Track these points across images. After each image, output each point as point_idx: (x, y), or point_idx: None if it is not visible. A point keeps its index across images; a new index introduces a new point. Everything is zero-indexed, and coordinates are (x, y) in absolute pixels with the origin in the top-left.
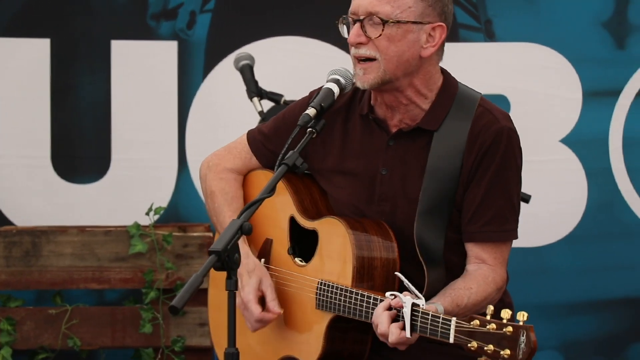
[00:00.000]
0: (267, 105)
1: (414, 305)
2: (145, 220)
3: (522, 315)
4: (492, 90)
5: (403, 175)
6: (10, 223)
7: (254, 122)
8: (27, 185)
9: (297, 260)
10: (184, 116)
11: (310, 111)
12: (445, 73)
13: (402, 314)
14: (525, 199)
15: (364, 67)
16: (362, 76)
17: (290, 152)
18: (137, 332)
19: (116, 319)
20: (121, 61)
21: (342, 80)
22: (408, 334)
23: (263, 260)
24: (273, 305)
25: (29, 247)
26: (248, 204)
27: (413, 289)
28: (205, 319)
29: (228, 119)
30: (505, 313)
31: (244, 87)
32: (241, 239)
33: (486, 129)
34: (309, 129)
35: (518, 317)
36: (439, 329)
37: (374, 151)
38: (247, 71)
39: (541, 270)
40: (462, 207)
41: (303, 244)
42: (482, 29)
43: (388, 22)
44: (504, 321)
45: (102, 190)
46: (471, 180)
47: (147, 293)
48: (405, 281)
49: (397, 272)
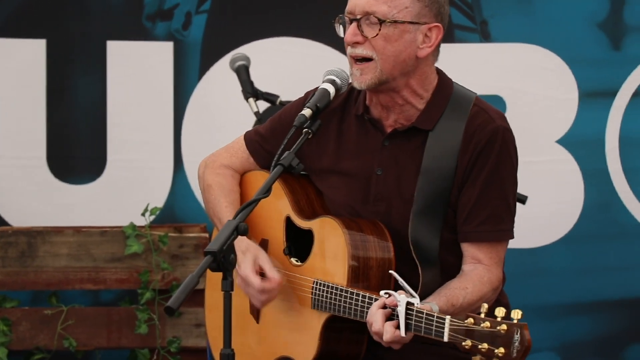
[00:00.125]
0: (262, 106)
1: (409, 304)
2: (141, 221)
3: (516, 314)
4: (488, 91)
5: (398, 175)
6: (6, 223)
7: (249, 123)
8: (22, 186)
9: (292, 260)
10: (179, 117)
11: (306, 112)
12: (441, 73)
13: (396, 312)
14: (522, 199)
15: (361, 67)
16: (359, 76)
17: (287, 152)
18: (132, 332)
19: (112, 320)
20: (117, 62)
21: (337, 80)
22: (402, 332)
23: None
24: (273, 274)
25: (24, 248)
26: (244, 204)
27: (408, 287)
28: (201, 320)
29: (224, 119)
30: (500, 311)
31: (239, 88)
32: None
33: (481, 129)
34: (304, 130)
35: (512, 316)
36: (433, 328)
37: (369, 151)
38: (242, 72)
39: (538, 271)
40: (457, 207)
41: (299, 244)
42: (478, 29)
43: (385, 21)
44: (498, 319)
45: (98, 190)
46: (466, 180)
47: (142, 294)
48: (400, 280)
49: (391, 271)
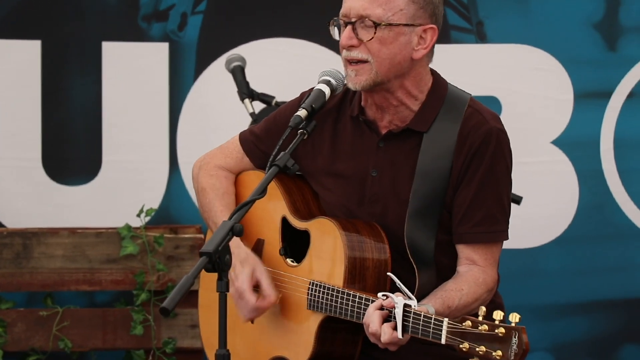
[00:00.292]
0: (258, 106)
1: (406, 306)
2: (136, 222)
3: (514, 317)
4: (484, 92)
5: (393, 176)
6: (1, 224)
7: (245, 124)
8: (17, 187)
9: (288, 260)
10: (175, 118)
11: (301, 112)
12: (435, 74)
13: (393, 314)
14: (517, 200)
15: (356, 68)
16: (354, 77)
17: (282, 153)
18: (128, 333)
19: (107, 321)
20: (112, 63)
21: (333, 81)
22: (400, 334)
23: None
24: (269, 291)
25: (19, 249)
26: (239, 205)
27: (405, 289)
28: (197, 321)
29: (219, 120)
30: (498, 314)
31: (235, 89)
32: None
33: (475, 130)
34: (300, 130)
35: (510, 319)
36: (431, 330)
37: (364, 153)
38: (238, 73)
39: (533, 272)
40: (452, 208)
41: (295, 245)
42: (474, 30)
43: (380, 24)
44: (496, 322)
45: (93, 191)
46: (461, 181)
47: (138, 295)
48: (398, 282)
49: (389, 273)
